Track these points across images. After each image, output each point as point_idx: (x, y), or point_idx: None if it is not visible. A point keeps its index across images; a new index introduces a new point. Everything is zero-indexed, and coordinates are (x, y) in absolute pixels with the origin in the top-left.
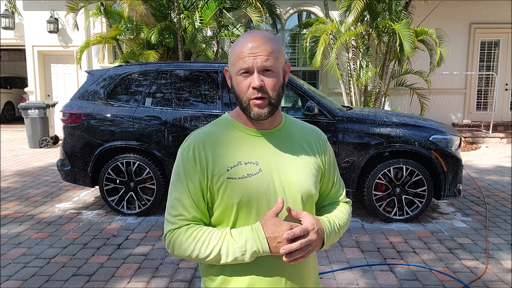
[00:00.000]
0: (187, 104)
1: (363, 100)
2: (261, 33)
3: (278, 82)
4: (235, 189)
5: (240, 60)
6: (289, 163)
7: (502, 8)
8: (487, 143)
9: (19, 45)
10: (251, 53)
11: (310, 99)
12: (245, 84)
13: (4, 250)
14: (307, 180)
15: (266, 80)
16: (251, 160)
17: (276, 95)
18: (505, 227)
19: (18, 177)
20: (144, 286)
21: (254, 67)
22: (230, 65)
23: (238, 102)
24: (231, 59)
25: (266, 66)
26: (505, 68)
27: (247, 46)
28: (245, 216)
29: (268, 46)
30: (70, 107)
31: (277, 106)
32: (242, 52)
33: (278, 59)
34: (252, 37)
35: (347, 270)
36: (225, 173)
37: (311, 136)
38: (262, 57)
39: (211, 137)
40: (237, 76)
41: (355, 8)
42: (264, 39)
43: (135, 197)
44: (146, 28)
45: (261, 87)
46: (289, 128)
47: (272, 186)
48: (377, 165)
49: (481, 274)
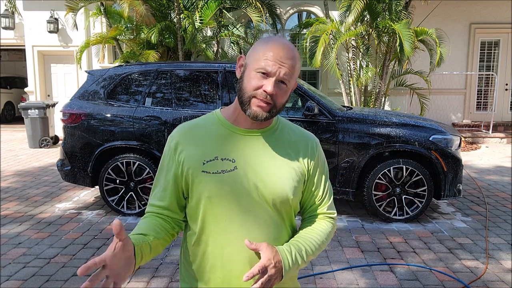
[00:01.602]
0: (187, 104)
1: (363, 100)
2: (293, 47)
3: (286, 97)
4: (207, 183)
5: (265, 60)
6: (268, 165)
7: (502, 8)
8: (487, 143)
9: (19, 45)
10: (279, 61)
11: (310, 99)
12: (258, 83)
13: (4, 250)
14: (284, 183)
15: (278, 92)
16: (229, 157)
17: (280, 107)
18: (505, 227)
19: (18, 177)
20: (144, 286)
21: (276, 74)
22: (250, 58)
23: (240, 93)
24: (256, 55)
25: (285, 79)
26: (505, 68)
27: (276, 51)
28: (214, 212)
29: (295, 62)
30: (70, 107)
31: (275, 115)
32: (270, 54)
33: (294, 76)
34: (285, 46)
35: (347, 270)
36: (201, 166)
37: (300, 142)
38: (286, 69)
39: (194, 129)
40: (254, 71)
41: (355, 8)
42: (294, 55)
43: (135, 197)
44: (146, 28)
45: (271, 95)
46: (279, 131)
47: (246, 185)
48: (377, 165)
49: (481, 274)
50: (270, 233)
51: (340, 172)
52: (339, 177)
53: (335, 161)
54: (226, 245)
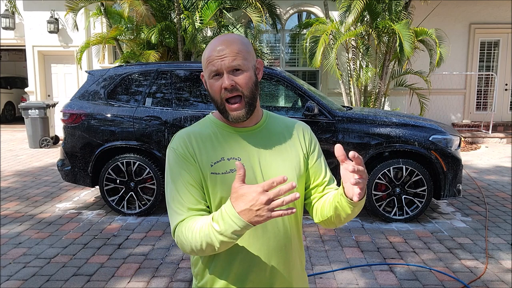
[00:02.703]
0: (187, 104)
1: (363, 100)
2: (228, 36)
3: (250, 80)
4: (218, 183)
5: (209, 64)
6: (270, 158)
7: (502, 8)
8: (486, 143)
9: (19, 45)
10: (218, 55)
11: (310, 99)
12: (217, 86)
13: (4, 250)
14: (288, 174)
15: (237, 79)
16: (234, 156)
17: (249, 92)
18: (505, 227)
19: (18, 177)
20: (144, 286)
21: (223, 68)
22: (204, 71)
23: (215, 105)
24: (203, 64)
25: (234, 66)
26: (505, 68)
27: (215, 49)
28: None
29: (235, 46)
30: (71, 107)
31: (254, 104)
32: (211, 56)
33: (247, 58)
34: (219, 40)
35: (347, 270)
36: (209, 168)
37: (293, 130)
38: (228, 58)
39: (194, 135)
40: (210, 80)
41: (355, 8)
42: (230, 41)
43: (135, 197)
44: (146, 28)
45: (232, 87)
46: (270, 124)
47: (254, 180)
48: (377, 165)
49: (481, 274)
50: (279, 225)
51: (340, 172)
52: (339, 177)
53: (335, 161)
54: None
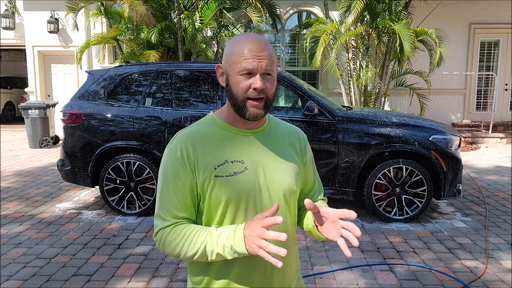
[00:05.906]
0: (187, 104)
1: (363, 100)
2: (260, 37)
3: (275, 86)
4: (222, 187)
5: (244, 61)
6: (273, 162)
7: (502, 8)
8: (486, 143)
9: (19, 45)
10: (257, 55)
11: (310, 99)
12: (246, 84)
13: (4, 250)
14: (289, 178)
15: (267, 84)
16: (237, 158)
17: (272, 98)
18: (505, 227)
19: (18, 177)
20: (144, 286)
21: (259, 69)
22: (229, 64)
23: (232, 100)
24: (232, 59)
25: (268, 70)
26: (505, 68)
27: (250, 48)
28: (232, 214)
29: (269, 51)
30: (71, 107)
31: (270, 107)
32: (245, 53)
33: (275, 64)
34: (254, 40)
35: (347, 270)
36: (213, 171)
37: (293, 136)
38: (266, 61)
39: (197, 136)
40: (237, 75)
41: (355, 8)
42: (265, 44)
43: (135, 197)
44: (146, 28)
45: (261, 89)
46: (273, 128)
47: (257, 184)
48: (377, 165)
49: (481, 274)
50: (281, 227)
51: (340, 172)
52: (339, 177)
53: (335, 161)
54: None
